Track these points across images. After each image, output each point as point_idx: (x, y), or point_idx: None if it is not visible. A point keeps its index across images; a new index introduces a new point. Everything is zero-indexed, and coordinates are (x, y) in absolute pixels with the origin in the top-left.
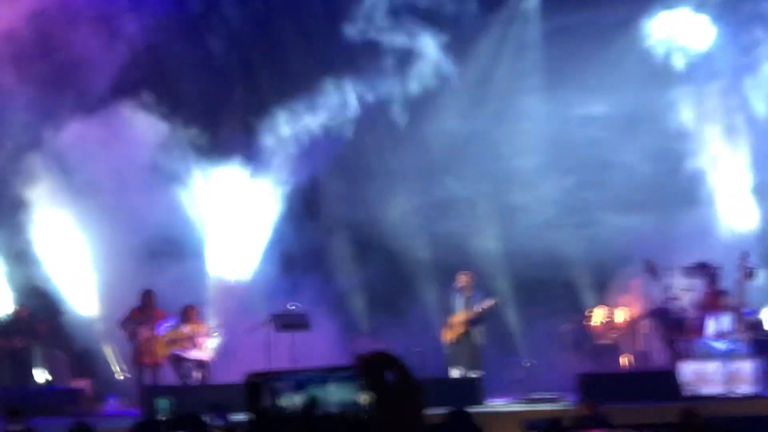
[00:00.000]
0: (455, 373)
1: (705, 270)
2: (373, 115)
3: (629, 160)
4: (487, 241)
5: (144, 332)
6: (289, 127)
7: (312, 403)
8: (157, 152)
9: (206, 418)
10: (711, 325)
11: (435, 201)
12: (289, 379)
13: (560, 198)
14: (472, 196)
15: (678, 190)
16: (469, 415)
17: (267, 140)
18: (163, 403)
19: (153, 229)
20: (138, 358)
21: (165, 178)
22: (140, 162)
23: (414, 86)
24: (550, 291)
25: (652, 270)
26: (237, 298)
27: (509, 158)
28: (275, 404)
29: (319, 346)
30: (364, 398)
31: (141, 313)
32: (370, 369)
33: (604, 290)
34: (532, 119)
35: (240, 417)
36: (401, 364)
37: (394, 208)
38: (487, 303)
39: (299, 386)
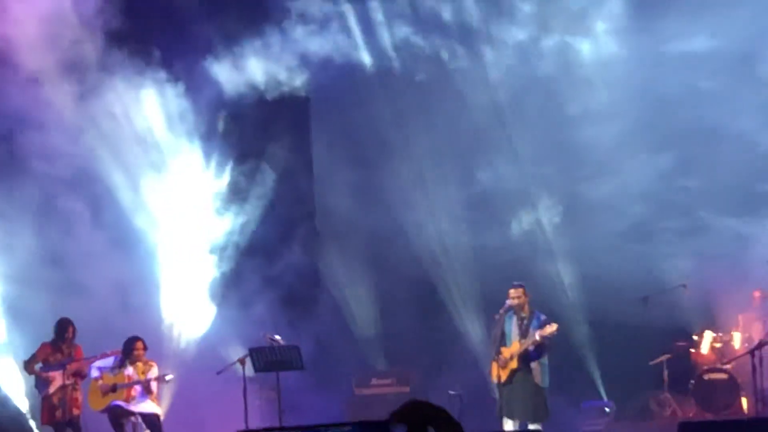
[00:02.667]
0: (508, 425)
1: None
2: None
3: (748, 126)
4: (547, 260)
5: (60, 377)
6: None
7: None
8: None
9: None
10: None
11: (473, 191)
12: None
13: (652, 189)
14: (524, 185)
15: None
16: None
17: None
18: None
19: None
20: (52, 413)
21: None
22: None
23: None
24: (639, 310)
25: None
26: (197, 326)
27: (577, 124)
28: None
29: (313, 396)
30: None
31: (55, 351)
32: (409, 425)
33: (715, 306)
34: (609, 60)
35: None
36: (450, 420)
37: (416, 203)
38: (550, 328)
39: None
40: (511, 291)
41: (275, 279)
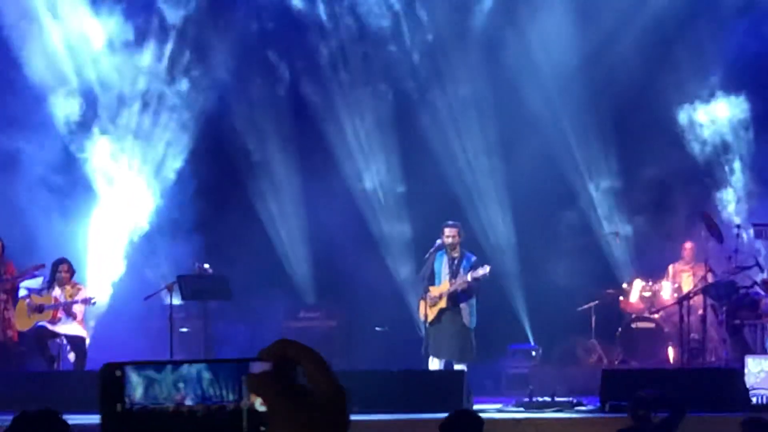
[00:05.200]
0: (434, 364)
1: None
2: None
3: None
4: (479, 202)
5: None
6: None
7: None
8: None
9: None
10: None
11: (408, 134)
12: (153, 369)
13: (589, 136)
14: (457, 127)
15: None
16: (477, 418)
17: None
18: None
19: None
20: None
21: None
22: None
23: None
24: (568, 252)
25: (710, 227)
26: (127, 249)
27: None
28: (132, 401)
29: (240, 326)
30: (254, 401)
31: None
32: (277, 363)
33: (644, 256)
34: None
35: None
36: (319, 360)
37: (351, 144)
38: (482, 270)
39: (133, 374)
40: (446, 230)
41: (210, 208)
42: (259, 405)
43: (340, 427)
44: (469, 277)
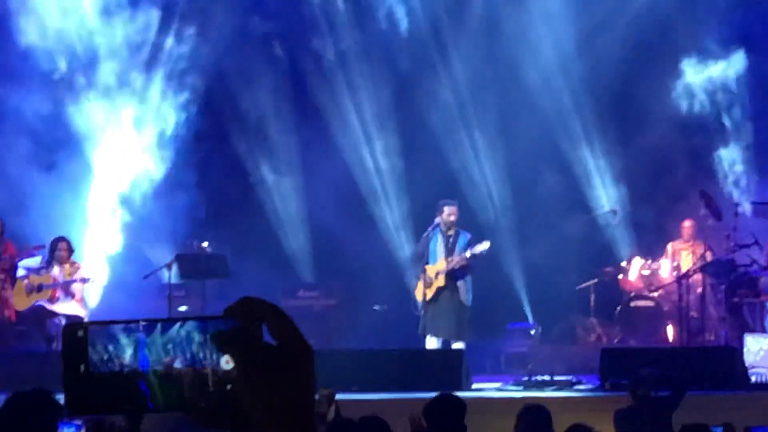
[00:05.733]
0: (431, 343)
1: None
2: None
3: None
4: (478, 179)
5: None
6: None
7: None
8: None
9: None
10: None
11: (407, 112)
12: (114, 330)
13: (586, 113)
14: (459, 105)
15: None
16: (459, 402)
17: None
18: None
19: None
20: None
21: None
22: None
23: None
24: (567, 230)
25: (710, 205)
26: (126, 225)
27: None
28: (95, 360)
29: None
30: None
31: None
32: (243, 320)
33: (644, 234)
34: None
35: None
36: (285, 317)
37: (351, 122)
38: (481, 246)
39: (123, 335)
40: (447, 208)
41: (205, 186)
42: (225, 363)
43: (306, 384)
44: (468, 254)
